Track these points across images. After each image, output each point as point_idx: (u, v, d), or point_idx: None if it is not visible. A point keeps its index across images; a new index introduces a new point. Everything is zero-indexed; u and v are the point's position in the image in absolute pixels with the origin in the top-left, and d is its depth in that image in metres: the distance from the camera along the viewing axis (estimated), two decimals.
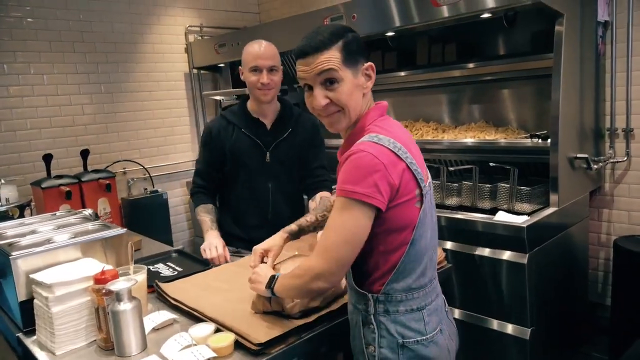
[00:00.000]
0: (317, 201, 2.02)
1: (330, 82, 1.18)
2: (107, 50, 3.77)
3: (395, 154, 1.13)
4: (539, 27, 2.74)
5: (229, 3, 4.52)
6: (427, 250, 1.22)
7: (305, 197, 2.23)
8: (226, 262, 1.88)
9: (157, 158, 4.08)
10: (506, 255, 2.28)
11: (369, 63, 1.23)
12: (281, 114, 2.09)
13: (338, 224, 1.13)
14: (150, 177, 3.99)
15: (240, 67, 2.02)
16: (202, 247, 1.94)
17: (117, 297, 1.23)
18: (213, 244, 1.92)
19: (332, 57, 1.16)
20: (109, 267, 1.37)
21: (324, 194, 2.07)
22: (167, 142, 4.11)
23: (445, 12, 2.43)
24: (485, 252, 2.35)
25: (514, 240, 2.23)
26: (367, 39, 2.97)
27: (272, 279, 1.29)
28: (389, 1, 2.65)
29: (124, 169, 3.89)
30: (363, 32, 2.83)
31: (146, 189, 3.95)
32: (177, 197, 4.25)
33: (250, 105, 2.08)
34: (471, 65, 2.92)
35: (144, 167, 3.96)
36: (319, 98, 1.19)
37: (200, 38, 4.26)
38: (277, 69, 1.98)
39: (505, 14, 2.58)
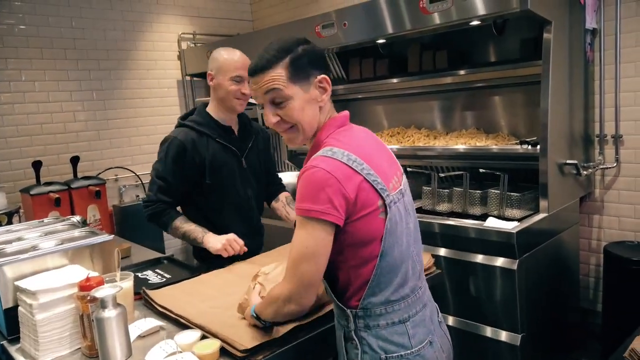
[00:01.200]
0: (283, 200, 2.16)
1: (277, 100, 1.18)
2: (99, 58, 3.77)
3: (350, 167, 1.10)
4: (527, 34, 2.77)
5: (222, 10, 4.54)
6: (403, 261, 1.18)
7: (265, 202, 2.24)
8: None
9: (149, 165, 4.00)
10: (496, 261, 2.28)
11: (323, 75, 1.20)
12: (242, 122, 2.09)
13: (297, 243, 1.11)
14: (142, 184, 3.97)
15: (210, 71, 1.94)
16: (216, 249, 1.82)
17: (102, 304, 1.21)
18: (230, 239, 1.83)
19: (276, 75, 1.15)
20: (94, 274, 1.36)
21: (286, 193, 2.21)
22: None
23: (435, 19, 2.45)
24: (476, 258, 2.36)
25: (504, 246, 2.24)
26: (358, 46, 2.99)
27: (256, 317, 1.25)
28: (380, 9, 2.67)
29: (115, 176, 3.87)
30: (355, 39, 2.85)
31: (138, 195, 3.94)
32: None
33: (215, 113, 2.01)
34: (462, 72, 2.95)
35: (136, 174, 3.94)
36: (269, 116, 1.19)
37: (193, 45, 4.27)
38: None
39: (494, 21, 2.61)
